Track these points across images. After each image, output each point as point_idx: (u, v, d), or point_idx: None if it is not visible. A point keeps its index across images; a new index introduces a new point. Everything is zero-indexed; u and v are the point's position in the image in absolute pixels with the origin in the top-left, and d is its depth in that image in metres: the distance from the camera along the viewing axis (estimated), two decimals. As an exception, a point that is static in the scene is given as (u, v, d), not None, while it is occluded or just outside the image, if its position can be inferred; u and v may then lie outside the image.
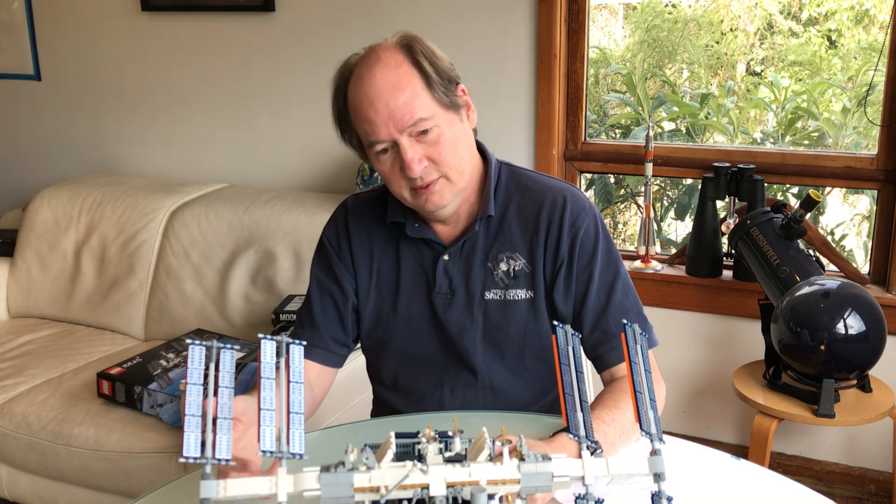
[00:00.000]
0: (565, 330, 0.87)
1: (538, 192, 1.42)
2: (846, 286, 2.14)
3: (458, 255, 1.42)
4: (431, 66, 1.30)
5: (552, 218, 1.39)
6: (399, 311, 1.44)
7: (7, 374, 2.45)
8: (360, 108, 1.29)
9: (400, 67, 1.28)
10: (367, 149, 1.34)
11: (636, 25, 4.33)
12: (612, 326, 1.37)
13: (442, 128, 1.30)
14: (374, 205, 1.48)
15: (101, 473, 2.18)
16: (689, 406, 2.78)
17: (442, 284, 1.42)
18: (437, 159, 1.30)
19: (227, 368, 0.77)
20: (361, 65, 1.30)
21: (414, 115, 1.27)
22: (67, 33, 3.28)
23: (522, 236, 1.41)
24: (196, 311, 2.66)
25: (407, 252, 1.44)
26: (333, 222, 1.51)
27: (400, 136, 1.27)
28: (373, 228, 1.46)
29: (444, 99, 1.30)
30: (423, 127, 1.28)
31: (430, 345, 1.45)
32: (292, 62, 2.94)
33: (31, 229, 2.94)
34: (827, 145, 3.62)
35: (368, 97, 1.27)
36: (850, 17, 3.99)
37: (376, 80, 1.27)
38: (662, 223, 4.03)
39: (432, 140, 1.29)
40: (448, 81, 1.32)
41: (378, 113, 1.27)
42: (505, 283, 1.40)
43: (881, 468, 2.57)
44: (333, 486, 0.77)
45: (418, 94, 1.27)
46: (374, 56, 1.29)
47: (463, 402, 1.45)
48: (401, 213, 1.42)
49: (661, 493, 0.82)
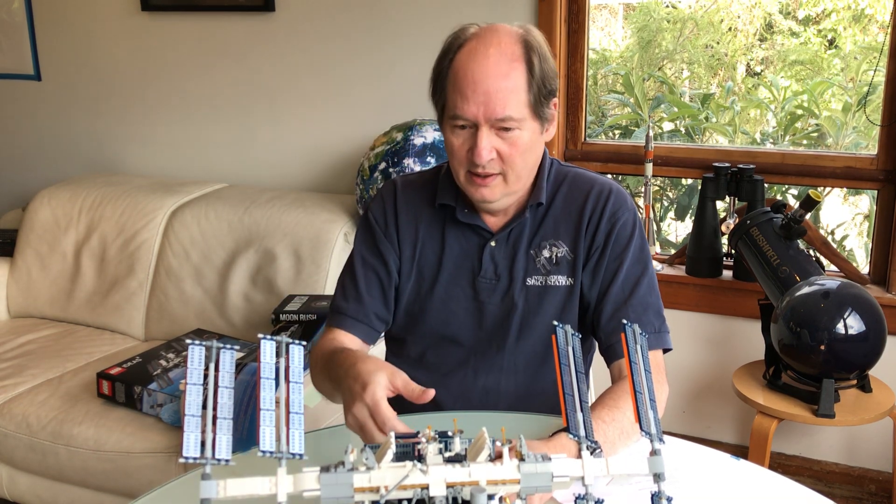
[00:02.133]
0: (565, 330, 0.87)
1: (585, 182, 1.46)
2: (846, 286, 2.14)
3: (504, 241, 1.44)
4: (540, 69, 1.32)
5: (595, 207, 1.43)
6: (437, 291, 1.46)
7: (7, 374, 2.45)
8: (461, 81, 1.30)
9: (514, 61, 1.30)
10: (447, 118, 1.35)
11: (636, 26, 4.33)
12: (630, 319, 1.38)
13: (523, 132, 1.32)
14: (423, 186, 1.50)
15: (101, 473, 2.18)
16: (689, 406, 2.78)
17: (487, 270, 1.44)
18: (506, 158, 1.32)
19: (227, 368, 0.77)
20: (479, 39, 1.32)
21: (506, 110, 1.29)
22: (67, 33, 3.28)
23: (567, 224, 1.43)
24: (196, 311, 2.66)
25: (453, 235, 1.46)
26: (381, 201, 1.51)
27: (483, 123, 1.30)
28: (421, 209, 1.48)
29: (538, 107, 1.33)
30: (509, 125, 1.30)
31: (465, 327, 1.47)
32: (292, 62, 2.94)
33: (31, 229, 2.94)
34: (827, 145, 3.62)
35: (473, 74, 1.29)
36: (848, 17, 3.99)
37: (489, 63, 1.29)
38: (662, 223, 4.03)
39: (510, 139, 1.31)
40: (548, 92, 1.34)
41: (476, 93, 1.28)
42: (546, 270, 1.43)
43: (881, 468, 2.57)
44: (333, 486, 0.77)
45: (517, 93, 1.29)
46: (495, 38, 1.31)
47: (485, 383, 1.47)
48: (452, 196, 1.45)
49: (661, 493, 0.82)
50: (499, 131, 1.31)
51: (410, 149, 2.46)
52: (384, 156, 2.50)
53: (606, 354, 1.42)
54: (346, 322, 1.46)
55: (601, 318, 1.41)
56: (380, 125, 2.73)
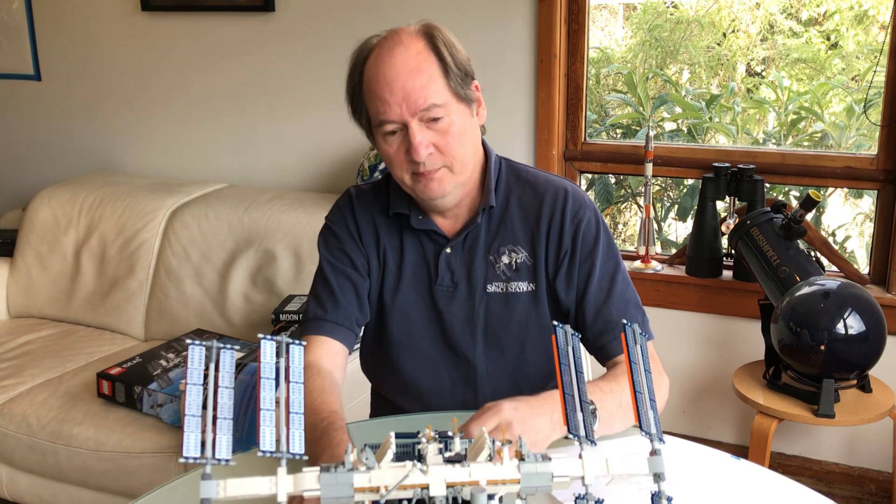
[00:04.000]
0: (565, 330, 0.87)
1: (539, 186, 1.44)
2: (846, 286, 2.14)
3: (460, 248, 1.43)
4: (450, 56, 1.32)
5: (554, 211, 1.41)
6: (398, 301, 1.45)
7: (7, 374, 2.45)
8: (375, 87, 1.30)
9: (420, 53, 1.30)
10: (375, 128, 1.34)
11: (637, 26, 4.33)
12: (614, 316, 1.38)
13: (452, 118, 1.31)
14: (376, 196, 1.48)
15: (101, 473, 2.18)
16: (689, 406, 2.78)
17: (444, 277, 1.42)
18: (444, 149, 1.31)
19: (227, 368, 0.77)
20: (382, 45, 1.32)
21: (428, 99, 1.28)
22: (67, 33, 3.28)
23: (524, 229, 1.42)
24: (196, 311, 2.66)
25: (410, 243, 1.45)
26: (339, 210, 1.50)
27: (411, 119, 1.29)
28: (377, 218, 1.47)
29: (459, 90, 1.32)
30: (434, 113, 1.29)
31: (427, 337, 1.45)
32: (292, 62, 2.94)
33: (31, 229, 2.94)
34: (829, 146, 3.61)
35: (385, 77, 1.28)
36: (850, 17, 3.98)
37: (396, 62, 1.29)
38: (663, 224, 4.03)
39: (441, 128, 1.30)
40: (465, 74, 1.33)
41: (393, 94, 1.28)
42: (507, 276, 1.41)
43: (881, 468, 2.57)
44: (333, 486, 0.77)
45: (435, 81, 1.29)
46: (396, 38, 1.32)
47: (464, 396, 1.45)
48: (404, 204, 1.43)
49: (661, 493, 0.82)
50: (428, 123, 1.29)
51: (410, 149, 2.46)
52: (384, 156, 2.50)
53: (599, 355, 1.41)
54: (325, 327, 1.41)
55: (585, 321, 1.40)
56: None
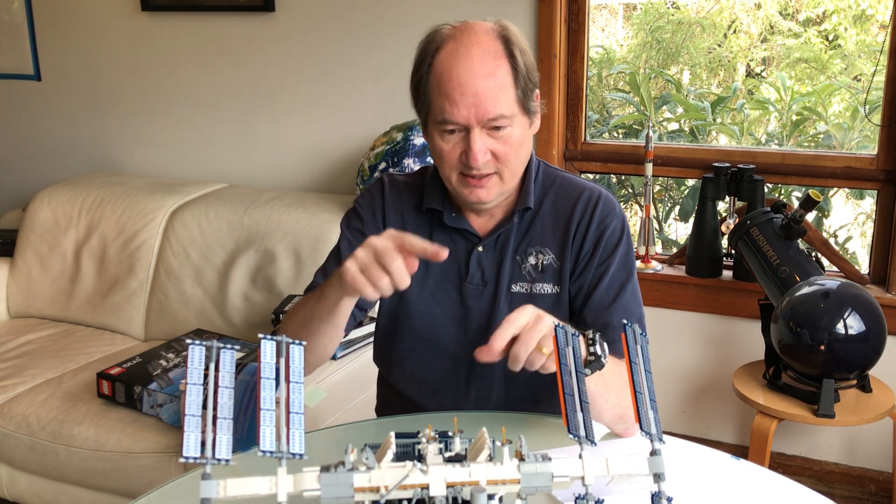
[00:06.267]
0: (565, 330, 0.87)
1: (573, 189, 1.44)
2: (846, 286, 2.14)
3: (492, 247, 1.43)
4: (524, 65, 1.30)
5: (584, 215, 1.41)
6: (424, 295, 1.44)
7: (7, 374, 2.45)
8: (446, 85, 1.28)
9: (498, 59, 1.27)
10: (434, 123, 1.33)
11: (639, 26, 4.33)
12: (615, 322, 1.37)
13: (515, 129, 1.30)
14: (409, 190, 1.48)
15: (101, 473, 2.18)
16: (689, 406, 2.78)
17: (475, 275, 1.42)
18: (501, 157, 1.31)
19: (227, 368, 0.77)
20: (458, 41, 1.29)
21: (497, 110, 1.27)
22: (67, 33, 3.28)
23: (554, 232, 1.42)
24: (196, 311, 2.66)
25: (440, 240, 1.43)
26: (369, 195, 1.50)
27: (475, 126, 1.28)
28: (407, 212, 1.47)
29: (525, 102, 1.31)
30: (501, 124, 1.28)
31: (448, 332, 1.45)
32: (292, 62, 2.94)
33: (31, 229, 2.94)
34: (831, 146, 3.61)
35: (459, 77, 1.26)
36: (849, 17, 3.98)
37: (473, 64, 1.26)
38: (664, 224, 4.03)
39: (502, 137, 1.30)
40: (532, 85, 1.32)
41: (464, 96, 1.26)
42: (532, 277, 1.41)
43: (881, 468, 2.57)
44: (333, 486, 0.77)
45: (506, 91, 1.27)
46: (474, 37, 1.28)
47: (477, 395, 1.45)
48: (438, 200, 1.43)
49: (661, 493, 0.82)
50: (490, 131, 1.29)
51: (410, 149, 2.46)
52: (384, 156, 2.50)
53: None
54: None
55: (585, 322, 1.39)
56: (380, 125, 2.73)
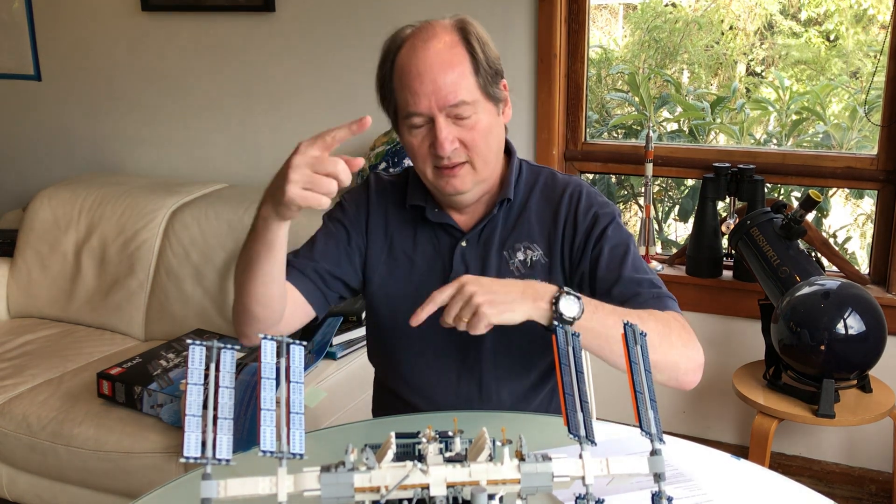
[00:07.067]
0: (565, 330, 0.87)
1: (558, 184, 1.45)
2: (846, 286, 2.14)
3: (475, 241, 1.43)
4: (483, 53, 1.32)
5: (570, 209, 1.42)
6: (410, 293, 1.44)
7: (7, 374, 2.45)
8: (406, 78, 1.31)
9: (454, 48, 1.31)
10: (401, 119, 1.35)
11: (636, 25, 4.33)
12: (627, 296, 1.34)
13: (480, 115, 1.32)
14: (394, 188, 1.49)
15: (101, 473, 2.18)
16: (689, 406, 2.78)
17: (458, 271, 1.42)
18: (469, 144, 1.32)
19: (227, 368, 0.77)
20: (416, 37, 1.33)
21: (458, 95, 1.29)
22: (67, 33, 3.28)
23: (541, 228, 1.42)
24: (196, 311, 2.66)
25: (424, 237, 1.45)
26: (356, 191, 1.51)
27: (438, 114, 1.29)
28: (391, 209, 1.48)
29: (488, 88, 1.33)
30: (463, 111, 1.30)
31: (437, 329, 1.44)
32: (292, 62, 2.94)
33: (31, 229, 2.93)
34: (830, 146, 3.61)
35: (418, 68, 1.29)
36: (850, 17, 3.98)
37: (429, 54, 1.29)
38: (664, 224, 4.03)
39: (468, 125, 1.31)
40: (494, 73, 1.34)
41: (423, 85, 1.29)
42: (521, 273, 1.40)
43: (881, 468, 2.57)
44: (333, 486, 0.77)
45: (466, 77, 1.30)
46: (431, 31, 1.32)
47: (469, 394, 1.45)
48: (421, 196, 1.44)
49: (661, 493, 0.82)
50: (455, 119, 1.30)
51: (410, 149, 2.46)
52: (384, 156, 2.50)
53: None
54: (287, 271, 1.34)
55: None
56: (380, 125, 2.71)
